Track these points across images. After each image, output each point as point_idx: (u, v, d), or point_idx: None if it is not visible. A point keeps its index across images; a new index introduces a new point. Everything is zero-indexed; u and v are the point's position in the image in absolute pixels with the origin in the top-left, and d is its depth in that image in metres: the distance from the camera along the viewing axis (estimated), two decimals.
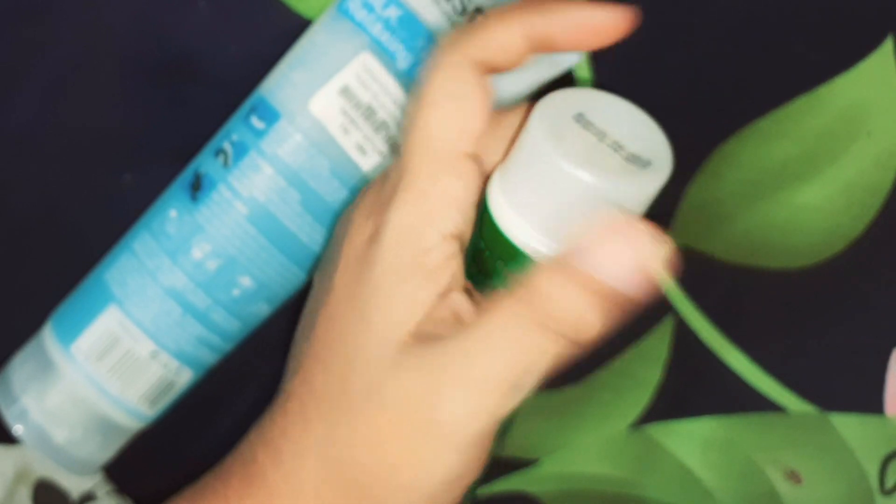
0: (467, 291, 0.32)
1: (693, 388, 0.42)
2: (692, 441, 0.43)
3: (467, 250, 0.33)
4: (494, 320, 0.30)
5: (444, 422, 0.31)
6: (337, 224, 0.35)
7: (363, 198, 0.34)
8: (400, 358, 0.31)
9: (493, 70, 0.32)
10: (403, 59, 0.35)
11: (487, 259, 0.33)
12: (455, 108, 0.31)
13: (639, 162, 0.30)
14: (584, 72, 0.38)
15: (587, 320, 0.30)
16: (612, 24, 0.31)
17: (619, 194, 0.30)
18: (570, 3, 0.32)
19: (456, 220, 0.32)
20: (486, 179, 0.32)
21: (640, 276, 0.29)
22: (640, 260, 0.29)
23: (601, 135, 0.31)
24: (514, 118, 0.33)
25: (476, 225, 0.32)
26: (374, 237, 0.32)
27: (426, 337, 0.31)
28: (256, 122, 0.36)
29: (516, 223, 0.31)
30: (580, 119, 0.31)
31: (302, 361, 0.34)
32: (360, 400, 0.31)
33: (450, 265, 0.32)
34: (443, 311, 0.31)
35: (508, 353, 0.30)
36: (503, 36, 0.32)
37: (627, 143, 0.31)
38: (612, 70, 0.38)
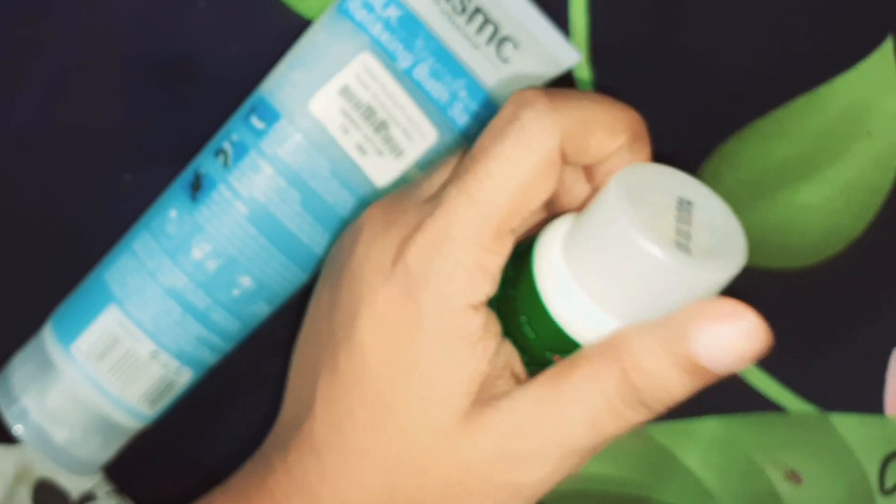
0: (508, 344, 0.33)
1: None
2: (692, 441, 0.43)
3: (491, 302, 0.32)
4: (579, 388, 0.30)
5: (527, 484, 0.31)
6: (342, 239, 0.35)
7: (375, 217, 0.33)
8: (471, 424, 0.31)
9: (566, 162, 0.31)
10: (403, 59, 0.35)
11: (522, 325, 0.32)
12: (528, 190, 0.31)
13: (714, 249, 0.30)
14: (584, 72, 0.38)
15: (673, 394, 0.30)
16: None
17: (693, 279, 0.29)
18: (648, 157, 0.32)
19: (489, 290, 0.31)
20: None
21: (741, 362, 0.29)
22: (748, 351, 0.29)
23: (681, 220, 0.30)
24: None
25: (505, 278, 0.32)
26: (410, 297, 0.31)
27: (492, 399, 0.31)
28: (256, 122, 0.36)
29: (558, 288, 0.31)
30: (665, 198, 0.30)
31: (327, 403, 0.33)
32: (434, 457, 0.31)
33: (491, 328, 0.32)
34: (498, 371, 0.32)
35: (595, 424, 0.30)
36: (598, 148, 0.31)
37: (704, 228, 0.30)
38: (613, 70, 0.38)
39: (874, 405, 0.42)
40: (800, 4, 0.37)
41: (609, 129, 0.31)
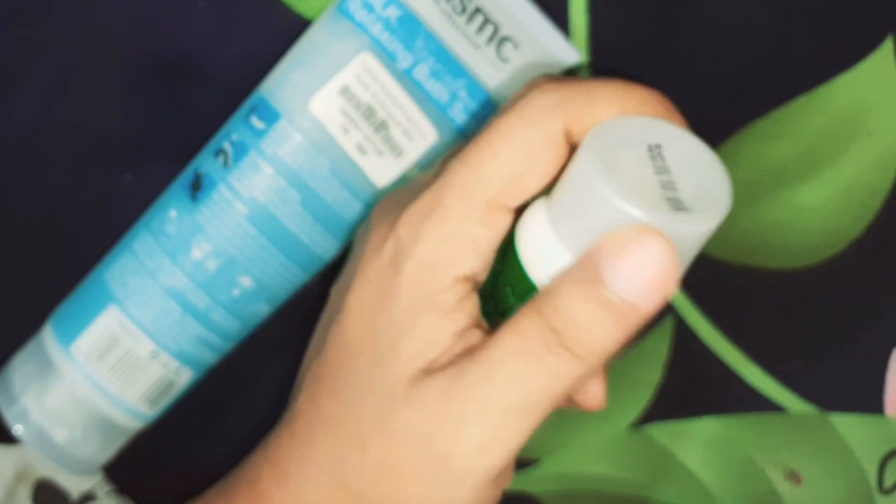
0: (483, 329, 0.32)
1: (693, 388, 0.42)
2: (692, 441, 0.43)
3: (483, 288, 0.32)
4: (503, 344, 0.29)
5: (456, 455, 0.30)
6: (357, 234, 0.35)
7: (384, 209, 0.33)
8: (412, 391, 0.30)
9: (574, 141, 0.31)
10: (403, 59, 0.35)
11: (507, 296, 0.32)
12: (526, 166, 0.30)
13: (694, 202, 0.29)
14: (583, 72, 0.38)
15: (597, 335, 0.29)
16: None
17: (682, 232, 0.28)
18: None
19: (474, 264, 0.31)
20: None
21: (659, 291, 0.28)
22: (661, 274, 0.28)
23: (659, 169, 0.29)
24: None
25: (497, 264, 0.32)
26: (394, 265, 0.31)
27: (438, 370, 0.30)
28: (256, 122, 0.36)
29: (550, 257, 0.30)
30: (637, 149, 0.30)
31: (311, 381, 0.33)
32: (372, 429, 0.31)
33: (466, 305, 0.31)
34: (457, 347, 0.31)
35: (518, 376, 0.29)
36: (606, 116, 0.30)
37: (684, 180, 0.29)
38: (613, 70, 0.38)
39: (874, 405, 0.42)
40: (800, 4, 0.37)
41: (618, 105, 0.30)
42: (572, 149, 0.31)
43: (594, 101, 0.30)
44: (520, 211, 0.32)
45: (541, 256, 0.31)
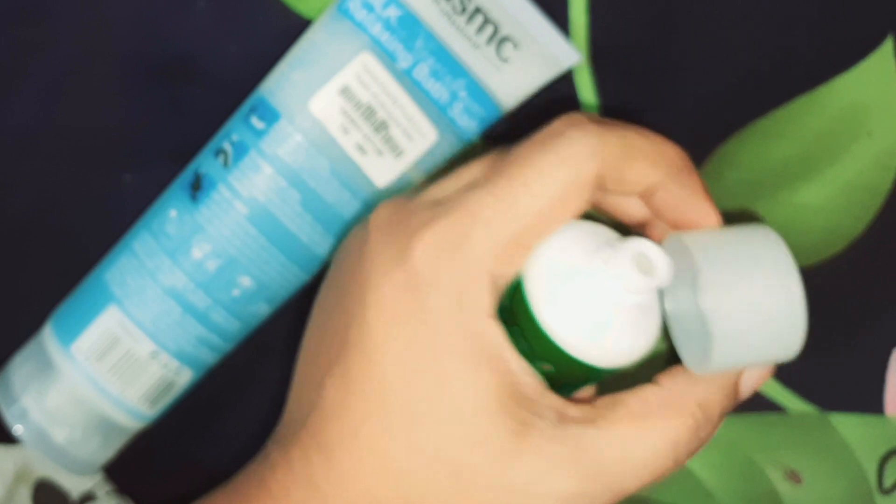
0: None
1: None
2: None
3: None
4: (646, 433, 0.31)
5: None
6: (347, 243, 0.34)
7: (384, 222, 0.33)
8: (518, 441, 0.31)
9: (601, 188, 0.32)
10: (403, 59, 0.35)
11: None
12: (556, 208, 0.31)
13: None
14: (584, 72, 0.38)
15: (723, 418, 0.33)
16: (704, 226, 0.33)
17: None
18: (701, 190, 0.32)
19: (493, 302, 0.31)
20: None
21: None
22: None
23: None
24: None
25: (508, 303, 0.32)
26: (418, 300, 0.31)
27: (535, 416, 0.31)
28: (256, 122, 0.36)
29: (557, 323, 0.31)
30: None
31: (314, 415, 0.33)
32: (468, 476, 0.31)
33: (506, 342, 0.31)
34: (524, 380, 0.31)
35: (652, 466, 0.32)
36: (640, 176, 0.32)
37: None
38: (613, 70, 0.38)
39: (874, 405, 0.42)
40: (800, 4, 0.37)
41: (650, 160, 0.32)
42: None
43: (630, 154, 0.31)
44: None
45: (552, 308, 0.31)
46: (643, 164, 0.32)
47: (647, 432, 0.31)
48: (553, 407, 0.31)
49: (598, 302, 0.31)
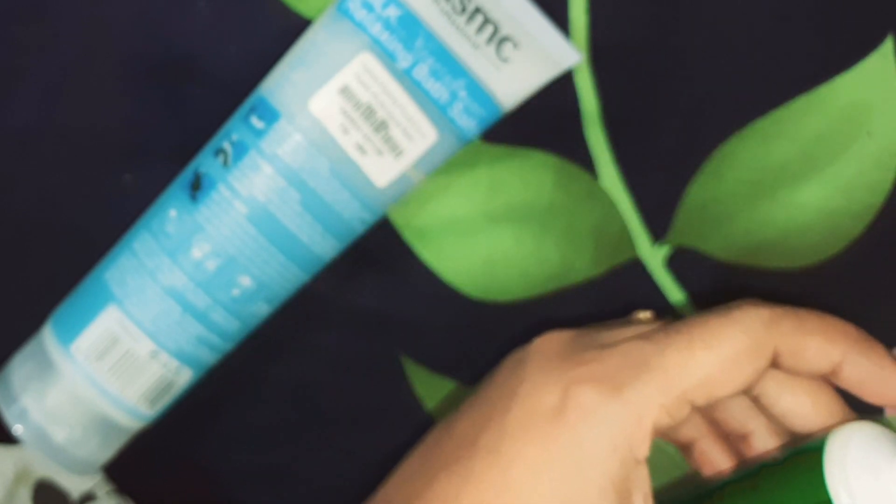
0: None
1: None
2: None
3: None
4: None
5: None
6: (501, 365, 0.35)
7: (546, 362, 0.33)
8: None
9: (775, 366, 0.32)
10: (403, 59, 0.35)
11: None
12: (729, 370, 0.31)
13: None
14: (584, 72, 0.38)
15: None
16: None
17: None
18: (889, 360, 0.33)
19: (647, 451, 0.31)
20: None
21: None
22: None
23: None
24: None
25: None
26: (571, 435, 0.31)
27: None
28: (256, 122, 0.36)
29: None
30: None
31: (416, 503, 0.32)
32: None
33: (641, 485, 0.32)
34: None
35: None
36: (818, 353, 0.32)
37: None
38: (613, 70, 0.38)
39: (874, 405, 0.42)
40: (800, 4, 0.37)
41: (827, 336, 0.32)
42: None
43: (805, 329, 0.32)
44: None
45: None
46: (820, 338, 0.32)
47: None
48: None
49: None
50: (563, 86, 0.38)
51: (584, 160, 0.39)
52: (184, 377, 0.37)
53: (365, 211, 0.36)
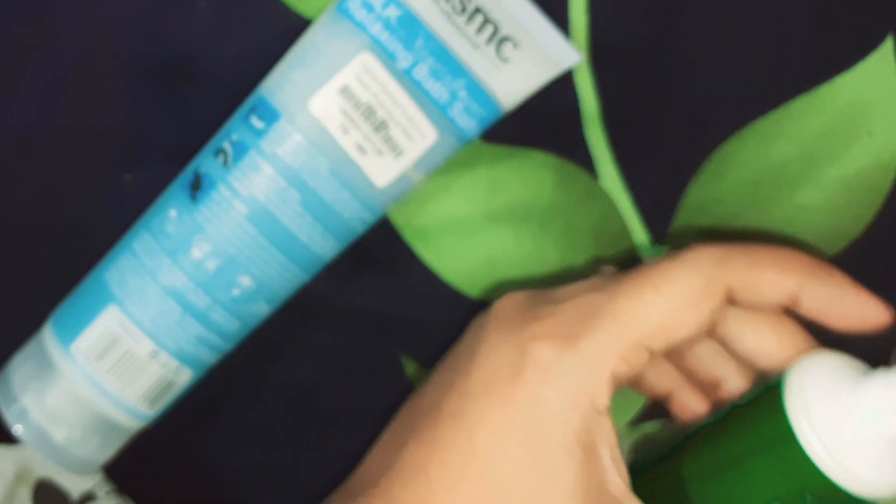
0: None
1: None
2: None
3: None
4: None
5: None
6: (469, 331, 0.35)
7: (504, 321, 0.33)
8: None
9: (732, 303, 0.32)
10: (403, 59, 0.35)
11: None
12: (683, 311, 0.31)
13: None
14: (583, 72, 0.38)
15: None
16: (875, 320, 0.33)
17: None
18: (849, 280, 0.32)
19: (607, 400, 0.31)
20: None
21: None
22: None
23: None
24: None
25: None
26: (531, 392, 0.31)
27: None
28: (256, 122, 0.36)
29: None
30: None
31: (388, 475, 0.33)
32: None
33: (607, 437, 0.31)
34: (612, 489, 0.31)
35: None
36: (772, 285, 0.32)
37: None
38: (613, 70, 0.38)
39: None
40: (800, 4, 0.37)
41: (778, 267, 0.32)
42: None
43: (757, 263, 0.32)
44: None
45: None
46: (773, 270, 0.32)
47: None
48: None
49: (868, 430, 0.31)
50: (563, 86, 0.38)
51: (584, 160, 0.39)
52: (184, 377, 0.37)
53: (365, 211, 0.36)
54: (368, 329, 0.41)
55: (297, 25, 0.37)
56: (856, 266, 0.40)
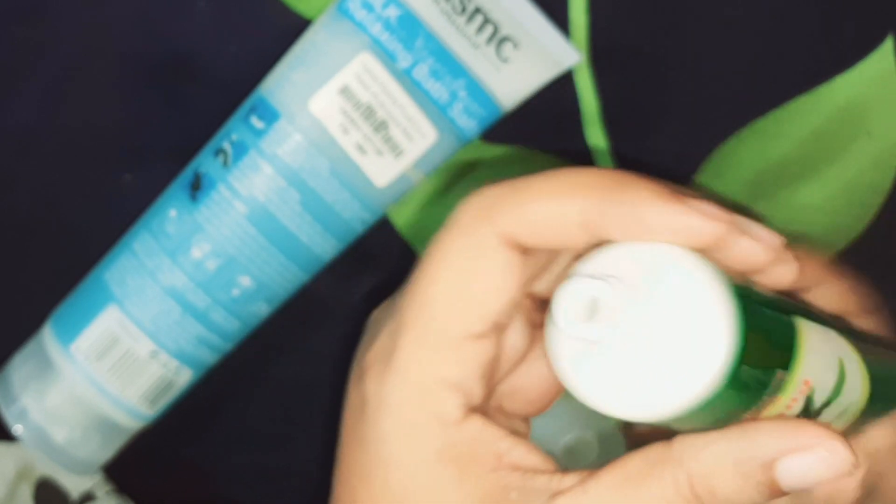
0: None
1: None
2: None
3: None
4: (641, 495, 0.27)
5: None
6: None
7: (369, 331, 0.31)
8: None
9: (532, 249, 0.28)
10: (403, 59, 0.35)
11: None
12: (471, 281, 0.28)
13: None
14: (583, 72, 0.38)
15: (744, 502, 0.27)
16: (696, 235, 0.27)
17: None
18: (649, 193, 0.27)
19: (459, 401, 0.28)
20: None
21: (818, 485, 0.27)
22: (827, 476, 0.27)
23: None
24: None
25: None
26: (371, 426, 0.29)
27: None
28: (256, 122, 0.36)
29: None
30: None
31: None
32: None
33: (491, 437, 0.29)
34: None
35: None
36: (552, 216, 0.28)
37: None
38: (613, 70, 0.38)
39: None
40: (800, 4, 0.37)
41: (547, 195, 0.28)
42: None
43: (524, 196, 0.28)
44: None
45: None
46: (541, 201, 0.28)
47: (635, 494, 0.27)
48: (543, 488, 0.28)
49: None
50: (563, 86, 0.38)
51: (584, 160, 0.39)
52: (184, 377, 0.37)
53: (365, 211, 0.36)
54: None
55: (297, 25, 0.37)
56: (856, 266, 0.40)
